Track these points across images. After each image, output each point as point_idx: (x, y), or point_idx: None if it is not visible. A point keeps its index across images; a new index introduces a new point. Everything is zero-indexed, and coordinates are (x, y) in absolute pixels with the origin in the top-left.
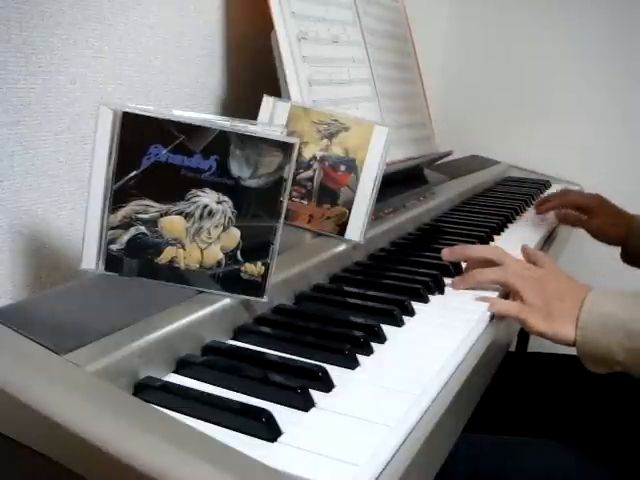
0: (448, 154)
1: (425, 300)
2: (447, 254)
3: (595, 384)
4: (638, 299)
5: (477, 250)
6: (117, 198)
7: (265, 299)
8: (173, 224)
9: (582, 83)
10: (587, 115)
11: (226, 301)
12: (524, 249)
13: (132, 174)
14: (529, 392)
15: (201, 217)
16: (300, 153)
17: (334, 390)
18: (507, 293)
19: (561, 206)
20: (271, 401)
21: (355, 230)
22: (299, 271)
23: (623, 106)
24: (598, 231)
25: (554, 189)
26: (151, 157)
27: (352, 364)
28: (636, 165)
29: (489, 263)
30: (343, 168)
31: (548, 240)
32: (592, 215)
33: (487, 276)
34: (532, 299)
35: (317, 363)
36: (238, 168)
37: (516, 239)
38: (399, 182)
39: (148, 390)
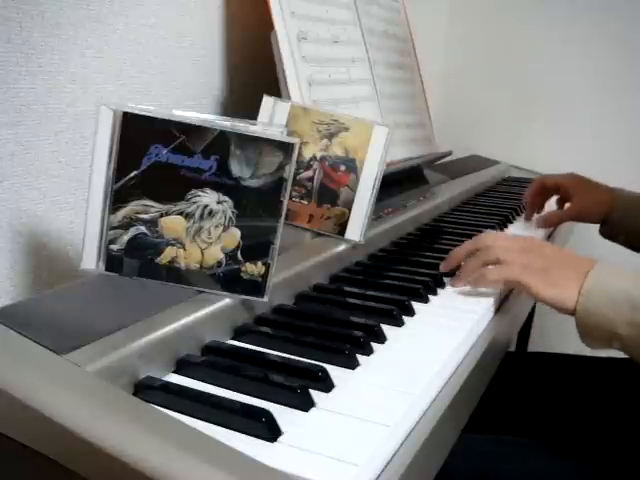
0: (448, 154)
1: (425, 300)
2: (444, 267)
3: (595, 384)
4: None
5: (464, 247)
6: (117, 198)
7: (265, 299)
8: (173, 224)
9: (583, 83)
10: (587, 115)
11: (226, 301)
12: None
13: (132, 174)
14: (529, 392)
15: (201, 217)
16: (300, 153)
17: (334, 390)
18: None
19: (542, 197)
20: (271, 401)
21: (355, 230)
22: (299, 271)
23: (624, 106)
24: (579, 214)
25: None
26: (151, 157)
27: (352, 364)
28: (636, 166)
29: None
30: (343, 168)
31: (549, 239)
32: (570, 196)
33: (477, 261)
34: (530, 263)
35: (317, 363)
36: (238, 168)
37: None
38: (399, 182)
39: (148, 390)
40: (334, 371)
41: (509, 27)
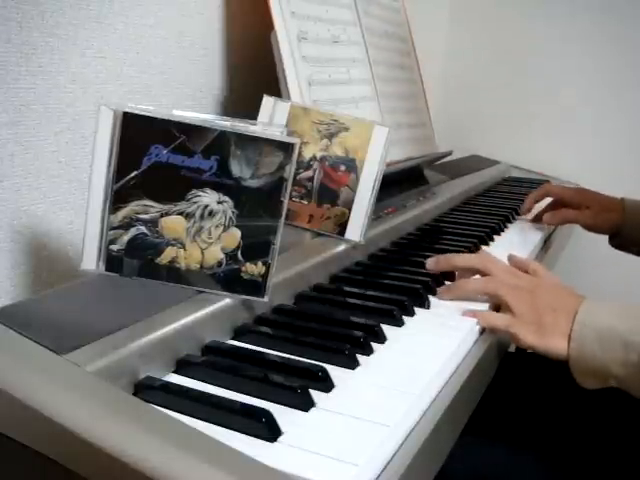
0: (448, 154)
1: (425, 300)
2: (432, 264)
3: None
4: (634, 310)
5: (463, 259)
6: (117, 198)
7: (265, 299)
8: (174, 224)
9: (583, 83)
10: (587, 115)
11: (226, 301)
12: (511, 259)
13: (132, 174)
14: (529, 392)
15: (202, 217)
16: (300, 153)
17: (334, 390)
18: (498, 304)
19: (544, 196)
20: (271, 401)
21: (355, 230)
22: (299, 271)
23: (624, 105)
24: (593, 222)
25: None
26: (152, 157)
27: (352, 364)
28: (636, 165)
29: (477, 272)
30: (343, 168)
31: (549, 239)
32: (581, 208)
33: (474, 286)
34: (522, 311)
35: (317, 363)
36: (239, 168)
37: (516, 239)
38: (399, 182)
39: (148, 390)
40: (334, 371)
41: (509, 27)
